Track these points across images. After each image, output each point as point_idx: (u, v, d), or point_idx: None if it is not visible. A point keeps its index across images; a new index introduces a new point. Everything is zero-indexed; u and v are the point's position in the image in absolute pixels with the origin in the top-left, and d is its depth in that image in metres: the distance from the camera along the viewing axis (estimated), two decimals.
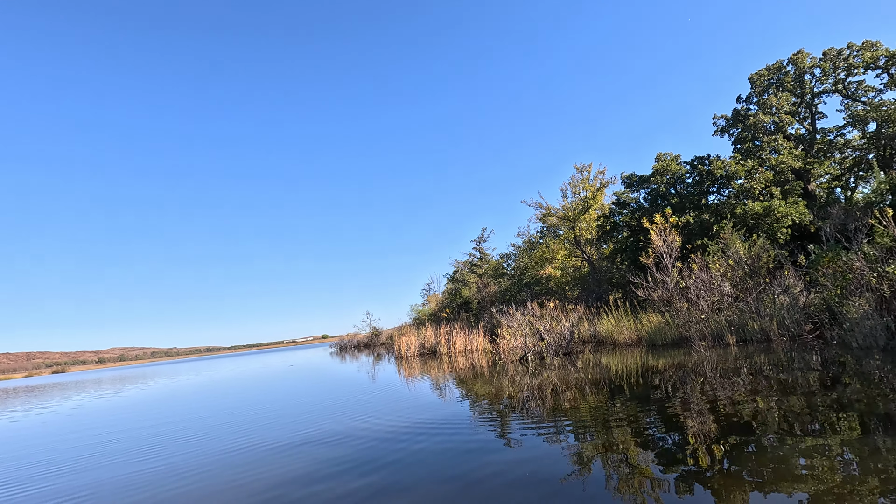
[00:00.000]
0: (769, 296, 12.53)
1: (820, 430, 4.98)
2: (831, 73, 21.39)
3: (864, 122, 20.59)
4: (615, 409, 7.12)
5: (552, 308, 17.07)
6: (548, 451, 5.36)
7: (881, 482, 3.58)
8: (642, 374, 10.16)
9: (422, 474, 4.88)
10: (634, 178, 22.28)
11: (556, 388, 9.58)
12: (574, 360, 13.96)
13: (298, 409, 10.44)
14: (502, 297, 26.29)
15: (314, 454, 6.16)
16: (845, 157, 22.14)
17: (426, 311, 35.79)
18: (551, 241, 28.30)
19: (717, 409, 6.35)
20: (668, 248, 15.57)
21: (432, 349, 23.91)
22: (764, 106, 21.65)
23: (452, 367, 16.40)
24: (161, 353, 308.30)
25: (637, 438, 5.50)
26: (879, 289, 9.72)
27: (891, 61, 20.36)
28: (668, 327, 14.43)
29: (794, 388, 6.91)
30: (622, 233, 22.10)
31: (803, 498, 3.48)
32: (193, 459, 6.60)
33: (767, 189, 18.70)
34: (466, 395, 10.18)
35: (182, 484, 5.46)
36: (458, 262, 34.29)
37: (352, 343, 44.93)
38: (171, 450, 7.45)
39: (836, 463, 4.06)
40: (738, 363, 9.69)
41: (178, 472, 6.03)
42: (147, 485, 5.60)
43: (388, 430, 7.14)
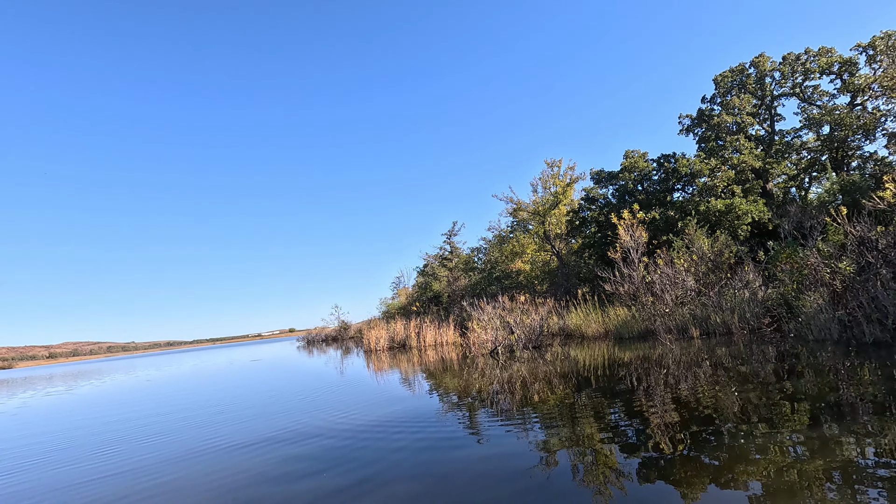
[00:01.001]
0: (730, 290, 12.95)
1: (774, 419, 5.15)
2: (790, 76, 22.25)
3: (819, 125, 21.54)
4: (582, 401, 7.19)
5: (522, 302, 17.17)
6: (517, 444, 5.34)
7: (826, 466, 3.80)
8: (609, 366, 10.32)
9: (391, 471, 4.75)
10: (603, 175, 22.64)
11: (526, 381, 9.61)
12: (543, 353, 14.09)
13: (264, 405, 10.11)
14: (472, 290, 26.34)
15: (280, 453, 5.92)
16: (801, 158, 23.13)
17: (396, 304, 35.54)
18: (521, 236, 28.50)
19: (680, 400, 6.50)
20: (635, 244, 15.88)
21: (402, 343, 23.75)
22: (727, 107, 22.34)
23: (422, 361, 16.30)
24: (118, 347, 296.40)
25: (603, 429, 5.58)
26: (833, 284, 10.15)
27: (843, 68, 21.34)
28: (634, 321, 14.73)
29: (751, 380, 7.13)
30: (591, 228, 22.44)
31: (756, 482, 3.65)
32: (153, 461, 6.26)
33: (729, 187, 19.33)
34: (436, 389, 10.10)
35: (141, 488, 5.16)
36: (428, 256, 34.14)
37: (320, 337, 44.23)
38: (129, 451, 7.05)
39: (787, 450, 4.24)
40: (700, 356, 9.96)
41: (138, 474, 5.70)
42: (101, 490, 5.27)
43: (356, 426, 6.96)
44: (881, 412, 4.95)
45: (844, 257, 10.41)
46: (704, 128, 23.15)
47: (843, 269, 10.10)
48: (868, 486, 3.39)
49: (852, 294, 9.52)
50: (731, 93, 22.97)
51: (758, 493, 3.52)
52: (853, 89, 21.01)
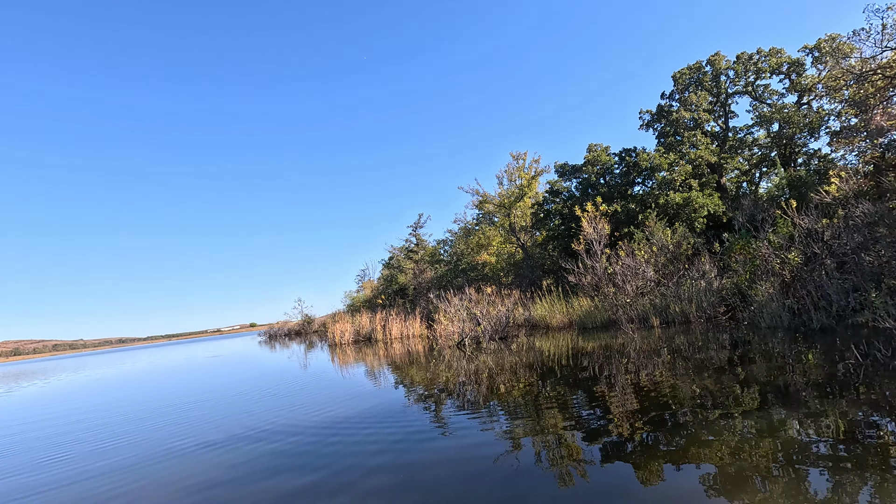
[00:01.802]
0: (688, 281, 13.40)
1: (727, 403, 5.37)
2: (743, 75, 23.12)
3: (769, 123, 22.50)
4: (547, 390, 7.27)
5: (489, 293, 17.25)
6: (484, 434, 5.34)
7: (774, 446, 4.03)
8: (573, 356, 10.49)
9: (359, 467, 4.63)
10: (567, 168, 22.95)
11: (492, 372, 9.65)
12: (509, 343, 14.20)
13: (225, 402, 9.74)
14: (439, 282, 26.30)
15: (243, 452, 5.68)
16: (753, 154, 24.15)
17: (361, 297, 35.11)
18: (487, 228, 28.63)
19: (640, 387, 6.69)
20: (598, 236, 16.19)
21: (367, 336, 23.47)
22: (685, 103, 23.02)
23: (389, 354, 16.15)
24: (65, 345, 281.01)
25: (567, 417, 5.67)
26: (782, 273, 10.64)
27: (792, 68, 22.34)
28: (597, 311, 15.05)
29: (707, 367, 7.39)
30: (555, 220, 22.75)
31: (710, 464, 3.82)
32: (108, 467, 5.88)
33: (687, 181, 19.97)
34: (403, 382, 9.99)
35: (92, 494, 4.83)
36: (393, 248, 33.84)
37: (282, 331, 43.20)
38: (80, 457, 6.61)
39: (738, 432, 4.45)
40: (660, 344, 10.25)
41: (91, 483, 5.34)
42: (50, 498, 4.90)
43: (323, 422, 6.77)
44: (824, 395, 5.21)
45: (793, 248, 10.92)
46: (664, 123, 23.78)
47: (791, 260, 10.59)
48: (810, 465, 3.59)
49: (800, 283, 10.00)
50: (688, 90, 23.66)
51: (711, 472, 3.68)
52: (800, 89, 22.05)
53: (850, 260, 9.68)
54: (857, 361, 6.22)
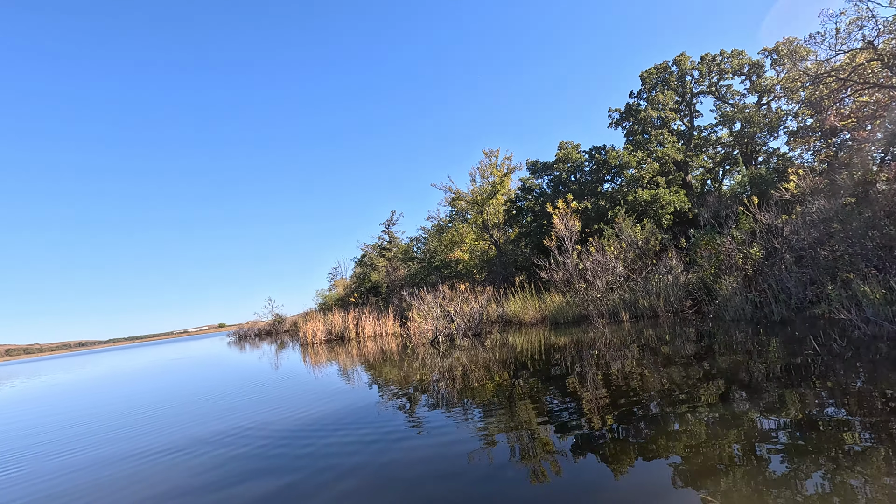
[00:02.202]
0: (656, 276, 13.73)
1: (693, 394, 5.53)
2: (707, 75, 23.82)
3: (732, 122, 23.28)
4: (520, 386, 7.33)
5: (462, 290, 17.27)
6: (458, 431, 5.33)
7: (737, 434, 4.18)
8: (545, 351, 10.61)
9: (332, 469, 4.53)
10: (539, 165, 23.19)
11: (466, 368, 9.65)
12: (483, 340, 14.26)
13: (192, 406, 9.43)
14: (412, 280, 26.20)
15: (211, 457, 5.50)
16: (717, 152, 24.93)
17: (333, 296, 34.67)
18: (460, 225, 28.66)
19: (610, 380, 6.81)
20: (570, 232, 16.41)
21: (340, 335, 23.19)
22: (652, 102, 23.56)
23: (361, 353, 15.98)
24: (19, 350, 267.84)
25: (539, 412, 5.74)
26: (745, 268, 11.01)
27: (752, 70, 23.14)
28: (568, 306, 15.26)
29: (674, 359, 7.59)
30: (527, 217, 22.96)
31: (677, 455, 3.92)
32: (63, 479, 5.60)
33: (654, 179, 20.45)
34: (377, 380, 9.89)
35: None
36: (366, 246, 33.53)
37: (252, 331, 42.27)
38: (32, 471, 6.29)
39: (703, 422, 4.59)
40: (629, 338, 10.47)
41: (49, 498, 5.07)
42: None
43: (295, 424, 6.62)
44: (783, 384, 5.42)
45: (755, 244, 11.31)
46: (632, 122, 24.30)
47: (753, 255, 10.97)
48: (771, 452, 3.73)
49: (762, 277, 10.37)
50: (655, 89, 24.23)
51: (678, 462, 3.78)
52: (760, 90, 22.88)
53: (808, 254, 10.10)
54: (814, 352, 6.48)
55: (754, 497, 3.11)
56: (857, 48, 13.67)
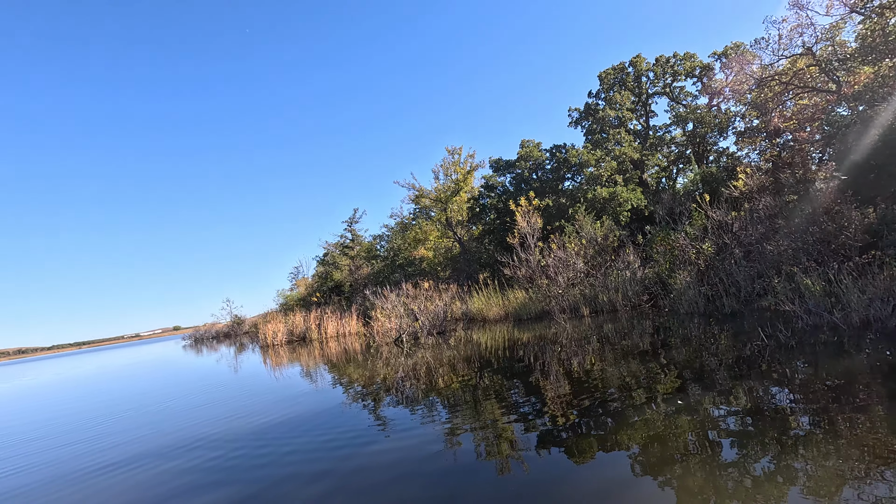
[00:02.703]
0: (615, 271, 14.11)
1: (650, 386, 5.73)
2: (661, 77, 24.64)
3: (685, 122, 24.18)
4: (485, 382, 7.36)
5: (426, 288, 17.21)
6: (424, 431, 5.29)
7: (692, 423, 4.36)
8: (509, 347, 10.71)
9: (292, 480, 4.36)
10: (501, 163, 23.39)
11: (431, 367, 9.62)
12: (447, 338, 14.26)
13: (141, 416, 8.97)
14: (375, 278, 25.91)
15: (164, 469, 5.23)
16: (671, 151, 25.85)
17: (294, 295, 33.89)
18: (424, 223, 28.57)
19: (572, 374, 6.96)
20: (532, 230, 16.63)
21: (302, 335, 22.68)
22: (610, 102, 24.17)
23: (324, 353, 15.68)
24: None
25: (504, 408, 5.78)
26: (698, 263, 11.46)
27: (703, 72, 24.12)
28: (531, 302, 15.48)
29: (632, 352, 7.82)
30: (490, 215, 23.12)
31: (636, 444, 4.06)
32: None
33: (612, 177, 21.01)
34: (340, 381, 9.72)
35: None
36: (328, 244, 32.90)
37: (210, 334, 40.77)
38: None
39: (660, 412, 4.75)
40: (589, 332, 10.71)
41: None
42: None
43: (252, 430, 6.39)
44: (733, 374, 5.68)
45: (707, 239, 11.78)
46: (591, 121, 24.85)
47: (705, 250, 11.42)
48: (722, 438, 3.94)
49: (713, 271, 10.82)
50: (613, 89, 24.87)
51: (637, 453, 3.90)
52: (710, 92, 23.86)
53: (755, 249, 10.60)
54: (762, 342, 6.80)
55: (708, 482, 3.23)
56: (797, 54, 14.45)
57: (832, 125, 10.22)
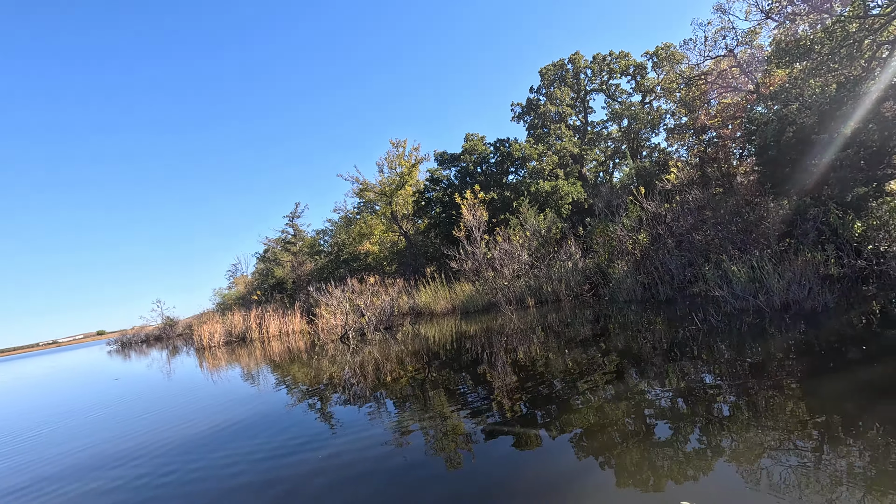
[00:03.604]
0: (558, 262, 14.52)
1: (592, 372, 5.93)
2: (598, 74, 25.55)
3: (620, 119, 25.25)
4: (433, 376, 7.35)
5: (372, 283, 16.95)
6: (373, 428, 5.19)
7: (629, 405, 4.56)
8: (456, 340, 10.76)
9: (235, 492, 4.08)
10: (446, 157, 23.40)
11: (378, 363, 9.48)
12: (395, 333, 14.13)
13: (60, 430, 8.20)
14: (319, 275, 25.24)
15: (83, 492, 4.78)
16: (608, 146, 26.93)
17: (233, 294, 32.39)
18: (369, 217, 28.12)
19: (518, 364, 7.10)
20: (477, 223, 16.78)
21: (242, 336, 21.70)
22: (551, 98, 24.80)
23: (266, 354, 15.08)
24: None
25: (452, 400, 5.79)
26: (634, 253, 11.99)
27: (636, 71, 25.26)
28: (478, 295, 15.64)
29: (575, 340, 8.08)
30: (436, 208, 23.12)
31: (579, 428, 4.19)
32: None
33: (554, 171, 21.59)
34: (283, 381, 9.36)
35: None
36: (269, 240, 31.67)
37: (138, 337, 38.13)
38: None
39: (601, 397, 4.95)
40: (535, 322, 10.96)
41: None
42: None
43: (189, 440, 5.97)
44: (667, 358, 6.00)
45: (642, 230, 12.36)
46: (532, 116, 25.39)
47: (641, 240, 11.97)
48: (657, 419, 4.15)
49: (649, 260, 11.37)
50: (553, 85, 25.52)
51: (579, 435, 4.04)
52: (643, 90, 25.07)
53: (686, 239, 11.24)
54: (696, 326, 7.21)
55: (644, 460, 3.39)
56: (721, 55, 15.40)
57: (752, 123, 10.99)
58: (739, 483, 2.91)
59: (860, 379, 4.27)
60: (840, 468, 2.88)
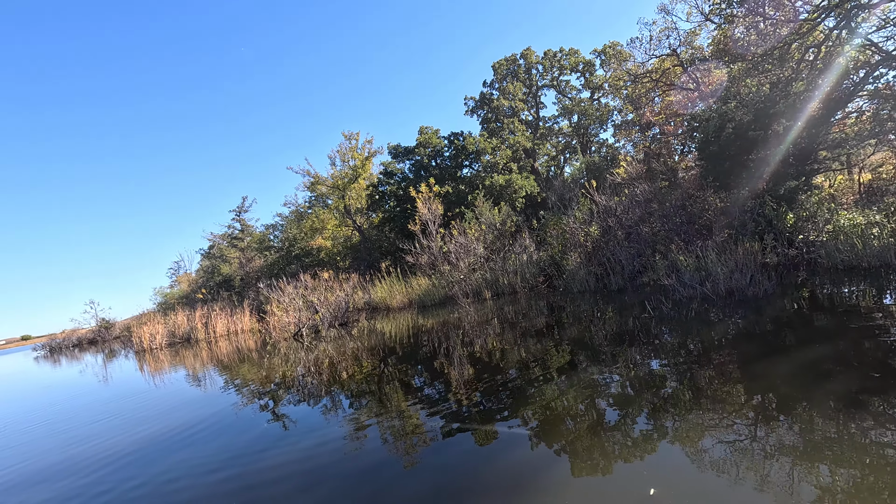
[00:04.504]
0: (513, 255, 14.70)
1: (546, 362, 6.03)
2: (549, 70, 26.02)
3: (571, 114, 25.86)
4: (389, 371, 7.25)
5: (326, 279, 16.53)
6: (328, 426, 5.05)
7: (581, 393, 4.70)
8: (413, 335, 10.67)
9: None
10: (400, 150, 23.14)
11: (333, 360, 9.25)
12: (350, 329, 13.85)
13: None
14: (270, 271, 24.39)
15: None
16: (559, 141, 27.52)
17: (176, 293, 30.75)
18: (321, 211, 27.43)
19: (474, 357, 7.12)
20: (433, 216, 16.70)
21: (186, 337, 20.62)
22: (504, 92, 25.02)
23: (213, 354, 14.39)
24: None
25: (409, 395, 5.74)
26: (586, 245, 12.30)
27: (585, 68, 25.92)
28: (435, 289, 15.59)
29: (530, 331, 8.21)
30: (390, 202, 22.85)
31: (535, 418, 4.25)
32: None
33: (508, 165, 21.83)
34: (233, 383, 8.94)
35: None
36: (214, 236, 30.24)
37: (70, 341, 35.42)
38: None
39: (554, 386, 5.04)
40: (491, 315, 11.04)
41: None
42: None
43: (126, 450, 5.56)
44: (617, 345, 6.20)
45: (593, 223, 12.69)
46: (486, 110, 25.55)
47: (592, 233, 12.29)
48: (607, 405, 4.29)
49: (601, 252, 11.69)
50: (506, 80, 25.76)
51: (535, 425, 4.10)
52: (592, 87, 25.77)
53: (634, 231, 11.64)
54: (649, 315, 7.47)
55: (595, 444, 3.48)
56: (664, 54, 16.03)
57: (695, 119, 11.51)
58: (686, 462, 3.03)
59: (792, 361, 4.56)
60: (772, 443, 3.06)
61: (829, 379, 3.89)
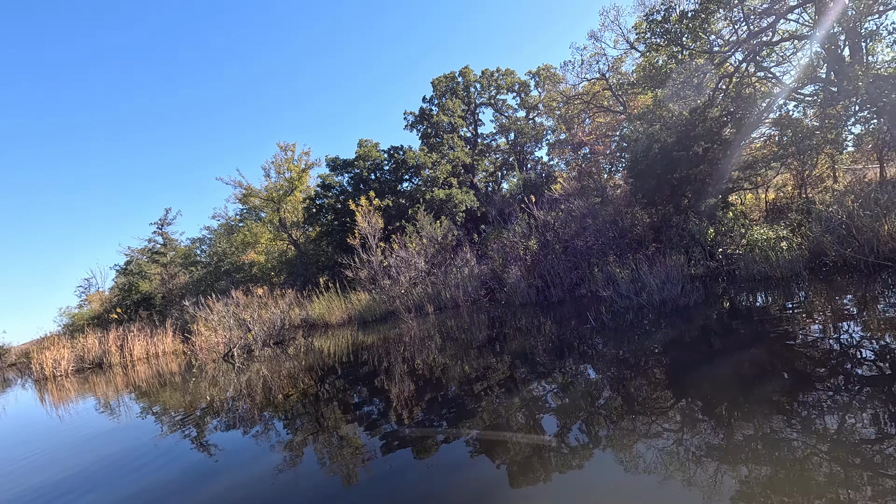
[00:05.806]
0: (454, 269, 14.74)
1: (487, 375, 6.07)
2: (487, 89, 26.74)
3: (507, 132, 26.68)
4: (327, 391, 6.99)
5: (260, 295, 15.69)
6: (261, 451, 4.75)
7: (519, 403, 4.79)
8: (353, 351, 10.35)
9: None
10: (339, 162, 22.69)
11: (267, 381, 8.74)
12: (286, 347, 13.20)
13: None
14: (196, 287, 22.81)
15: None
16: (497, 158, 28.24)
17: (86, 313, 27.87)
18: (254, 224, 26.20)
19: (416, 372, 7.03)
20: (373, 230, 16.44)
21: (98, 361, 18.67)
22: (443, 108, 25.36)
23: (130, 380, 13.12)
24: None
25: (348, 414, 5.55)
26: (525, 258, 12.58)
27: (521, 88, 26.92)
28: (375, 304, 15.26)
29: (472, 345, 8.24)
30: (328, 216, 22.26)
31: (475, 431, 4.25)
32: None
33: (448, 179, 22.04)
34: (151, 411, 8.15)
35: None
36: (132, 250, 27.87)
37: None
38: None
39: (495, 398, 5.08)
40: (433, 329, 10.95)
41: None
42: None
43: (18, 498, 4.85)
44: (555, 356, 6.38)
45: (532, 237, 13.02)
46: (426, 125, 25.74)
47: (531, 246, 12.60)
48: (544, 413, 4.41)
49: (540, 265, 11.99)
50: (445, 96, 26.15)
51: (475, 436, 4.10)
52: (527, 106, 26.79)
53: (571, 244, 12.07)
54: (591, 325, 7.69)
55: (533, 455, 3.51)
56: (594, 78, 16.97)
57: (624, 139, 12.21)
58: (618, 469, 3.11)
59: (715, 366, 4.87)
60: (697, 444, 3.23)
61: (748, 383, 4.17)
